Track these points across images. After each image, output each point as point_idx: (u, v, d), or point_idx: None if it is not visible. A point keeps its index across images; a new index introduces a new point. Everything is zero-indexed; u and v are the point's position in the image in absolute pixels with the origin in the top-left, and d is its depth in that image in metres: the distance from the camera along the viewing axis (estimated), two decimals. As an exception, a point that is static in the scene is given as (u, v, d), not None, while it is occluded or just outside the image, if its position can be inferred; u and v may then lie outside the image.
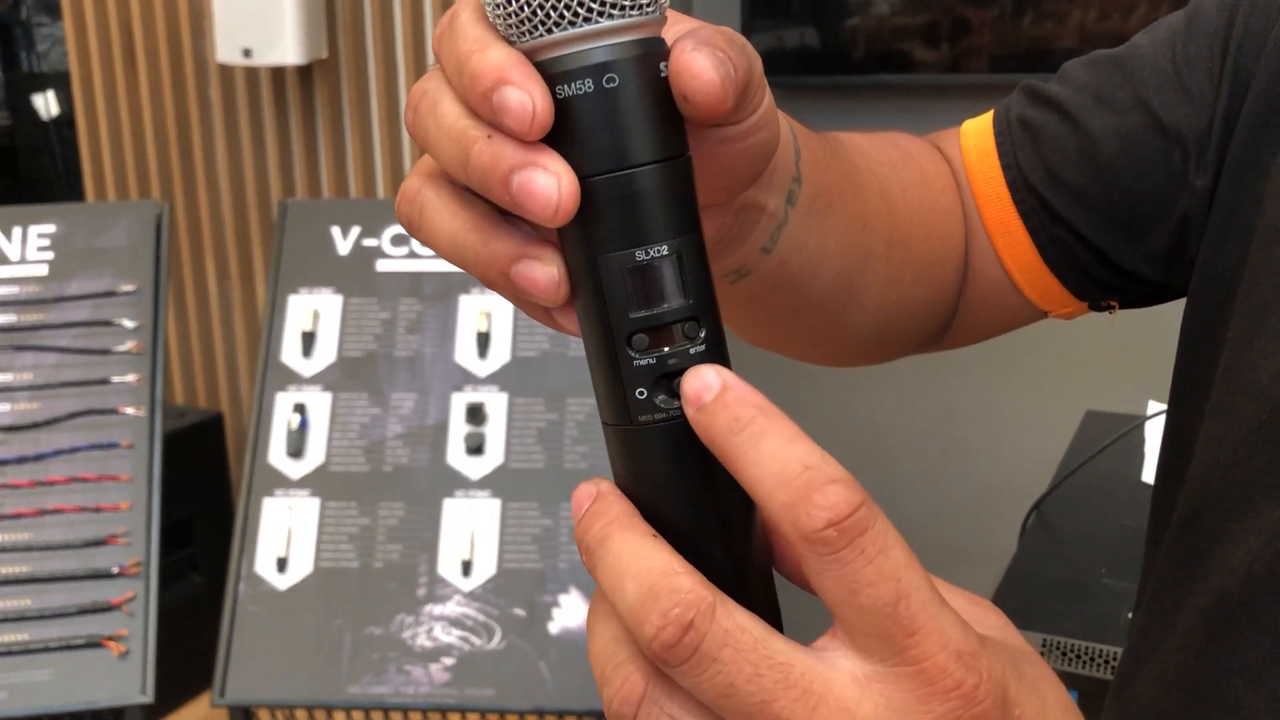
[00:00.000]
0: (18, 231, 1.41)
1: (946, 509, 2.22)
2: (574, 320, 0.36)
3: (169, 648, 1.29)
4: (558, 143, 0.34)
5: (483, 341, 1.39)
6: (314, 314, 1.42)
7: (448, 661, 1.27)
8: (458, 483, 1.35)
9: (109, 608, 1.27)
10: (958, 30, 1.95)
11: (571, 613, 1.28)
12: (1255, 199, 0.53)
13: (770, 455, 0.31)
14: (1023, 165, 0.62)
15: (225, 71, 2.00)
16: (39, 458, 1.32)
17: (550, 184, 0.33)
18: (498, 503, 1.33)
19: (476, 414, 1.36)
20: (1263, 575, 0.48)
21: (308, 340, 1.41)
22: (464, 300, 1.41)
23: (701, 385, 0.33)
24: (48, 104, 3.00)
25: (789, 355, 0.63)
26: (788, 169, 0.48)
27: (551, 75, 0.33)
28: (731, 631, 0.31)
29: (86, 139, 2.14)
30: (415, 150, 1.88)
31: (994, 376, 2.08)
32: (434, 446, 1.36)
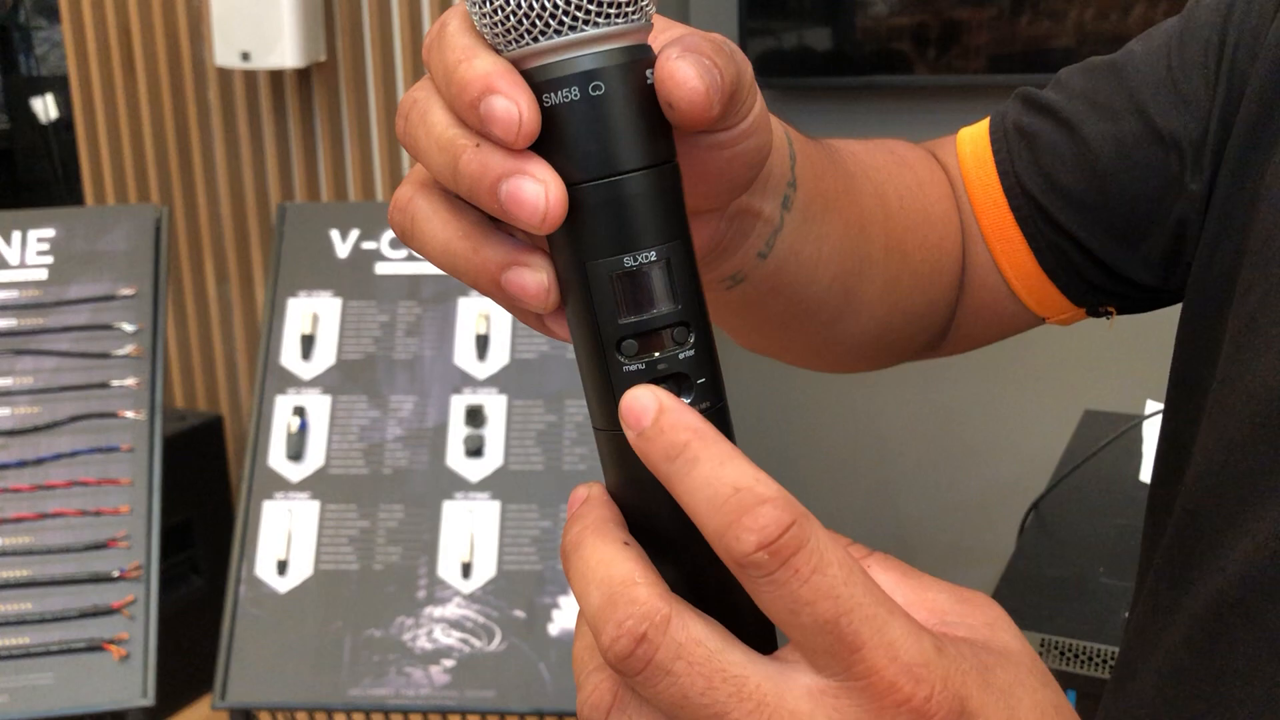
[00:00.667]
0: (17, 236, 1.41)
1: (945, 508, 2.22)
2: (565, 326, 0.36)
3: (170, 650, 1.29)
4: (546, 150, 0.34)
5: (482, 344, 1.39)
6: (313, 317, 1.42)
7: (448, 663, 1.28)
8: (457, 485, 1.35)
9: (110, 611, 1.27)
10: (955, 30, 1.95)
11: (571, 614, 1.28)
12: (1251, 203, 0.53)
13: (703, 480, 0.31)
14: (1019, 172, 0.62)
15: (224, 75, 2.01)
16: (39, 461, 1.32)
17: (538, 192, 0.33)
18: (497, 505, 1.33)
19: (476, 416, 1.37)
20: (1257, 577, 0.48)
21: (307, 343, 1.41)
22: (463, 303, 1.41)
23: (639, 409, 0.32)
24: (46, 107, 3.00)
25: (786, 361, 0.64)
26: (783, 174, 0.48)
27: (538, 83, 0.34)
28: (685, 644, 0.31)
29: (85, 142, 2.14)
30: (414, 153, 1.87)
31: (993, 376, 2.08)
32: (433, 449, 1.36)
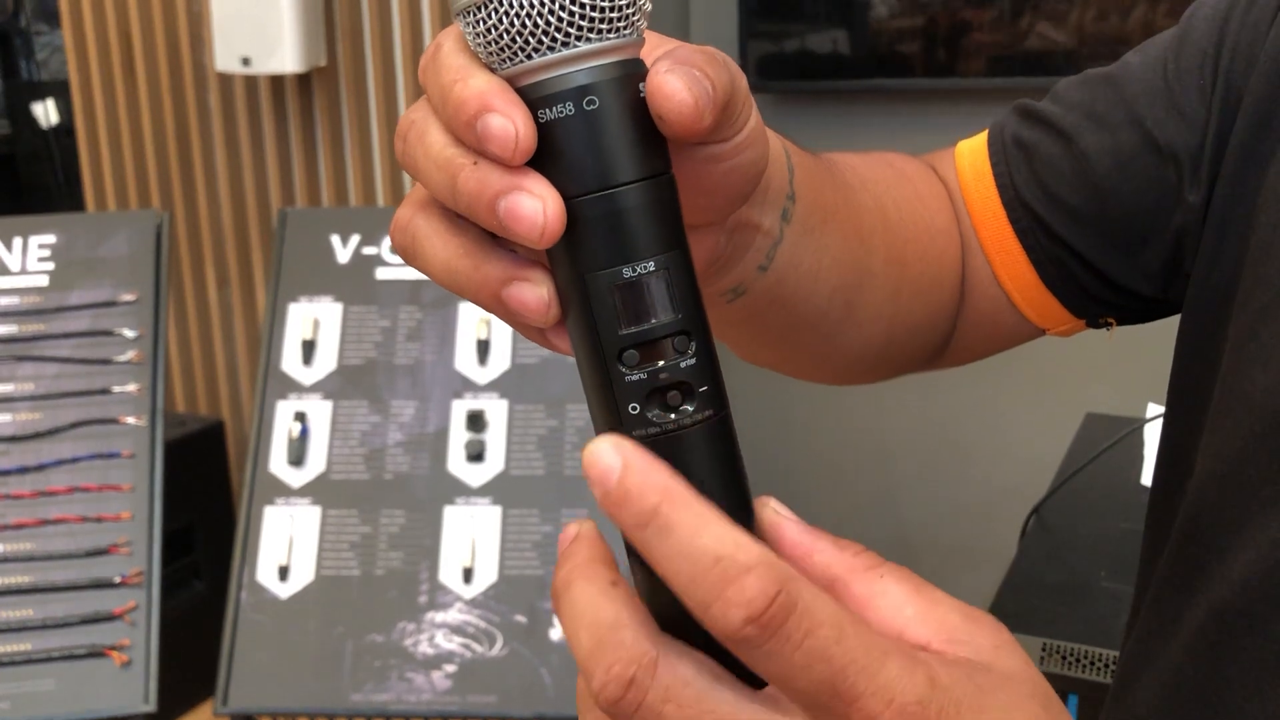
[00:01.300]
0: (18, 242, 1.41)
1: (946, 512, 2.22)
2: (566, 339, 0.37)
3: (171, 656, 1.29)
4: (542, 165, 0.34)
5: (482, 348, 1.39)
6: (314, 322, 1.42)
7: (449, 669, 1.28)
8: (458, 490, 1.35)
9: (111, 617, 1.27)
10: (956, 32, 1.95)
11: (573, 619, 1.28)
12: (1249, 213, 0.53)
13: (678, 551, 0.30)
14: (1018, 184, 0.62)
15: (224, 80, 2.01)
16: (41, 468, 1.32)
17: (535, 207, 0.33)
18: (498, 509, 1.33)
19: (477, 421, 1.37)
20: (1260, 585, 0.48)
21: (308, 348, 1.41)
22: (463, 308, 1.41)
23: (602, 469, 0.31)
24: (47, 112, 3.00)
25: (788, 374, 0.64)
26: (781, 187, 0.48)
27: (533, 100, 0.34)
28: (673, 686, 0.31)
29: (86, 147, 2.14)
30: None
31: (994, 380, 2.08)
32: (434, 454, 1.36)
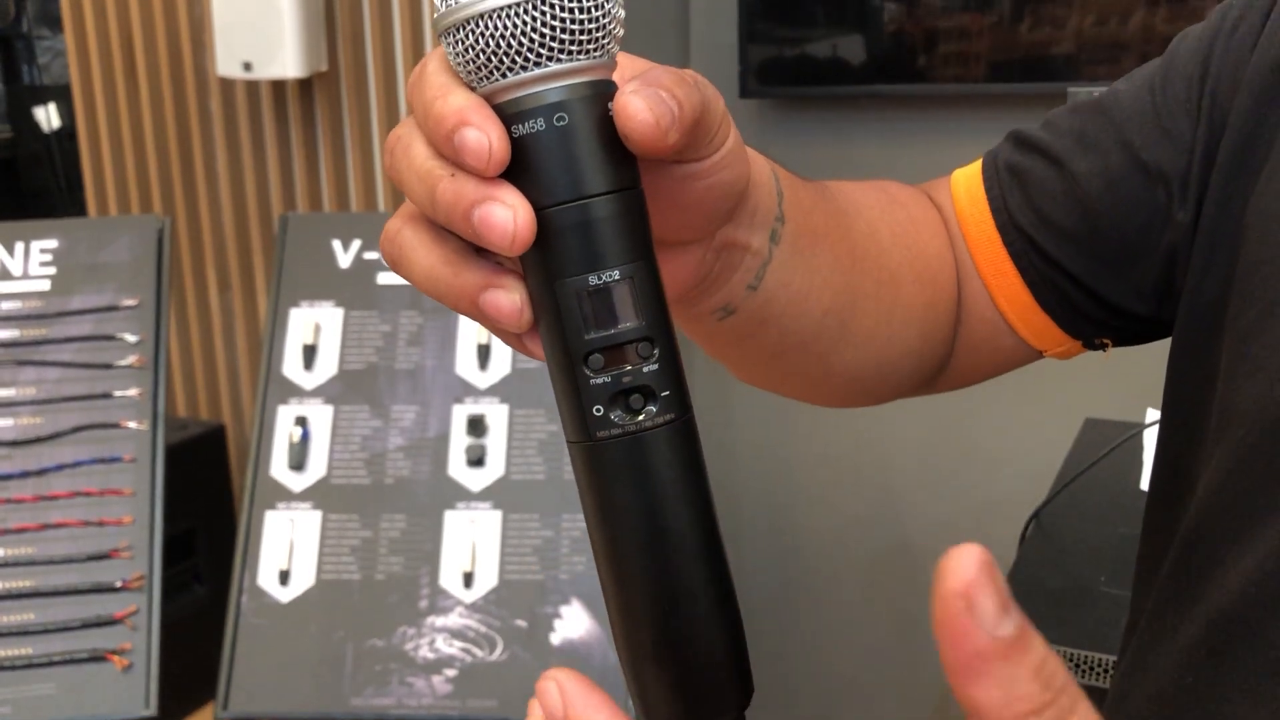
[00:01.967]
0: (20, 247, 1.42)
1: (946, 517, 2.22)
2: (540, 344, 0.39)
3: (172, 660, 1.29)
4: (516, 177, 0.36)
5: (483, 353, 1.40)
6: (315, 327, 1.42)
7: (450, 673, 1.28)
8: (459, 494, 1.35)
9: (112, 621, 1.27)
10: (955, 38, 1.95)
11: (573, 624, 1.29)
12: (1236, 231, 0.54)
13: None
14: (1012, 209, 0.64)
15: (226, 84, 2.01)
16: (42, 472, 1.32)
17: (507, 216, 0.35)
18: (499, 514, 1.34)
19: (477, 426, 1.37)
20: (1256, 593, 0.48)
21: (309, 353, 1.42)
22: (464, 313, 1.41)
23: (549, 705, 0.32)
24: (49, 116, 3.01)
25: (786, 395, 0.65)
26: (770, 209, 0.50)
27: (508, 116, 0.36)
28: None
29: (88, 151, 2.14)
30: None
31: (993, 385, 2.07)
32: (435, 458, 1.36)
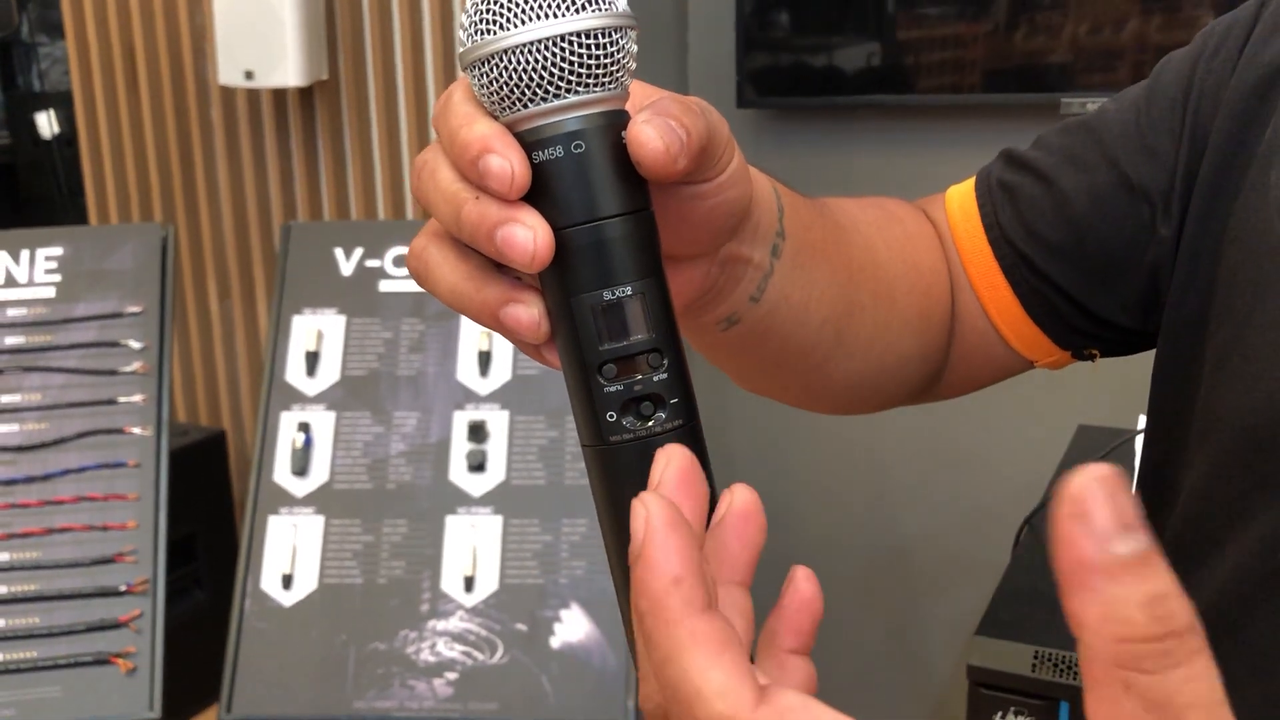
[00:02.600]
0: (25, 254, 1.43)
1: (939, 523, 2.23)
2: (557, 355, 0.41)
3: (174, 664, 1.30)
4: (536, 200, 0.39)
5: (484, 360, 1.41)
6: (317, 334, 1.44)
7: (451, 676, 1.29)
8: (460, 499, 1.36)
9: (116, 625, 1.28)
10: (951, 47, 1.97)
11: (573, 627, 1.30)
12: (1217, 245, 0.57)
13: (663, 659, 0.30)
14: (1003, 224, 0.67)
15: (227, 93, 2.03)
16: (47, 477, 1.33)
17: (528, 236, 0.38)
18: (499, 519, 1.35)
19: (478, 431, 1.38)
20: (1236, 591, 0.50)
21: (311, 360, 1.43)
22: (465, 320, 1.43)
23: (633, 529, 0.32)
24: (50, 123, 3.02)
25: (784, 402, 0.68)
26: (771, 225, 0.52)
27: (529, 143, 0.39)
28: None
29: (89, 159, 2.16)
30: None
31: (986, 392, 2.08)
32: (436, 464, 1.38)
